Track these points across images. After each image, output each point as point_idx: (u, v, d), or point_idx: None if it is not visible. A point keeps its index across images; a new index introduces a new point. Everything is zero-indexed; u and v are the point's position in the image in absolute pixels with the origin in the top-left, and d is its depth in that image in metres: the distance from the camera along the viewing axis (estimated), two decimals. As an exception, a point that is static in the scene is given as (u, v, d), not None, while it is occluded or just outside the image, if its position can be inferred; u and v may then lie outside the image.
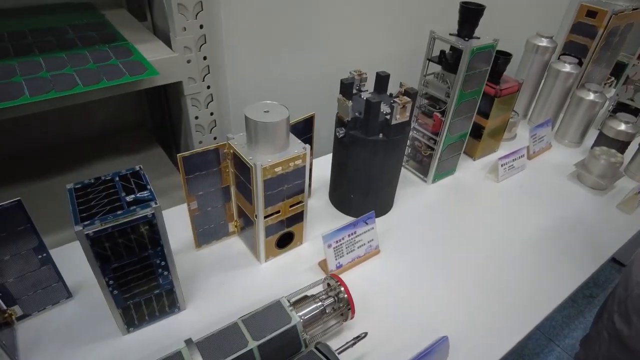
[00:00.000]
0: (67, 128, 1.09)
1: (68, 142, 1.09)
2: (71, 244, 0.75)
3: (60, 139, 1.08)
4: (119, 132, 1.19)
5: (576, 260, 0.81)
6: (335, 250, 0.72)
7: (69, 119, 1.09)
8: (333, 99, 0.79)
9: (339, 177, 0.83)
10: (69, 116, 1.09)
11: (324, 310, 0.60)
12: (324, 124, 0.91)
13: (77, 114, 1.10)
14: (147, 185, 0.56)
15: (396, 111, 0.70)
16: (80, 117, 1.11)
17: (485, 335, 0.66)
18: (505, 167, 0.99)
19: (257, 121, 0.61)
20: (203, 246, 0.76)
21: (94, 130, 1.14)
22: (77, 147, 1.08)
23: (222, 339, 0.53)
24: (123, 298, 0.58)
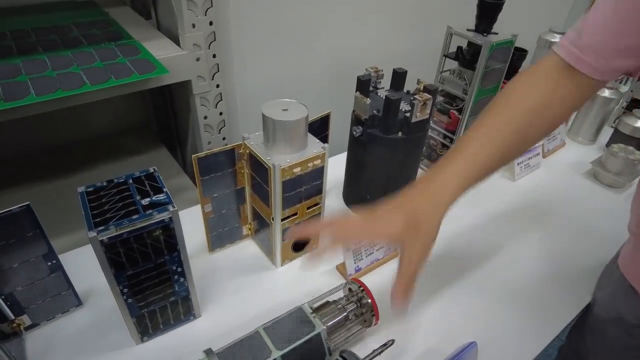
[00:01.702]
0: (71, 130, 1.07)
1: (71, 144, 1.07)
2: (80, 249, 0.72)
3: (63, 141, 1.06)
4: (124, 133, 1.16)
5: (597, 260, 0.79)
6: (354, 254, 0.69)
7: (72, 120, 1.07)
8: (344, 98, 0.76)
9: (355, 178, 0.81)
10: (73, 118, 1.07)
11: (347, 317, 0.58)
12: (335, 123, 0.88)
13: (80, 115, 1.08)
14: (162, 187, 0.53)
15: (416, 109, 0.67)
16: (83, 118, 1.09)
17: (513, 338, 0.64)
18: (522, 166, 0.96)
19: (275, 120, 0.58)
20: (216, 250, 0.74)
21: (97, 132, 1.11)
22: (81, 149, 1.05)
23: (244, 348, 0.51)
24: (137, 307, 0.55)
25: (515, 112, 0.52)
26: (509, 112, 0.53)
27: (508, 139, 0.52)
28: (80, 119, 1.08)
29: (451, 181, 0.50)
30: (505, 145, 0.52)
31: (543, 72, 0.53)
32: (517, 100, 0.53)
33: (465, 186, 0.51)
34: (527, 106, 0.52)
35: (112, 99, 1.14)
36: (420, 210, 0.49)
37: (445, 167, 0.51)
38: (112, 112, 1.15)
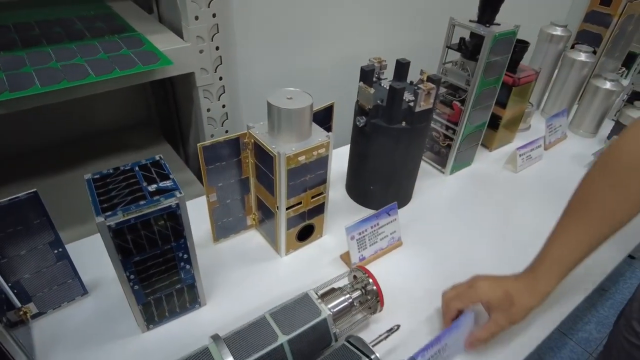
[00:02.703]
0: (74, 126, 1.07)
1: (74, 140, 1.07)
2: (85, 240, 0.72)
3: (66, 137, 1.06)
4: (126, 129, 1.16)
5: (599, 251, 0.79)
6: (358, 243, 0.70)
7: (73, 115, 1.07)
8: (347, 90, 0.77)
9: (359, 168, 0.81)
10: (74, 113, 1.07)
11: (352, 304, 0.58)
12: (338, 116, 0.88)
13: (83, 112, 1.08)
14: (169, 174, 0.54)
15: (420, 98, 0.67)
16: (86, 115, 1.09)
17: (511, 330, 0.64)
18: (524, 157, 0.97)
19: (280, 108, 0.58)
20: (221, 240, 0.74)
21: (100, 128, 1.12)
22: (84, 145, 1.06)
23: (251, 333, 0.51)
24: (144, 293, 0.56)
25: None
26: (626, 202, 0.55)
27: (606, 230, 0.56)
28: (83, 115, 1.09)
29: (553, 275, 0.58)
30: (603, 234, 0.57)
31: None
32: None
33: (565, 275, 0.58)
34: None
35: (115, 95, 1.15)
36: (516, 295, 0.57)
37: (550, 255, 0.59)
38: (114, 109, 1.16)
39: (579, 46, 1.10)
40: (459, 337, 0.59)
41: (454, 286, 0.62)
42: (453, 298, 0.61)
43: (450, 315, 0.61)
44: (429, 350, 0.55)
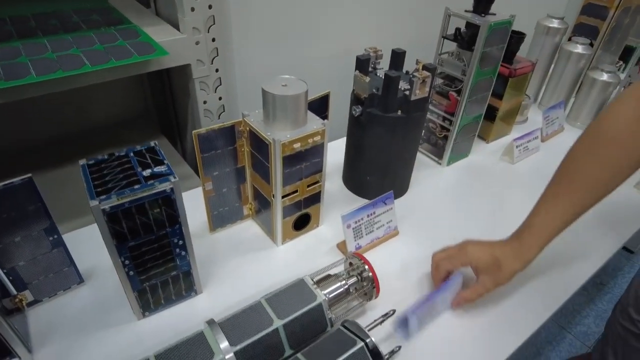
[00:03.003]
0: (69, 120, 1.07)
1: (70, 134, 1.07)
2: (81, 230, 0.72)
3: (62, 131, 1.06)
4: (123, 123, 1.16)
5: (595, 242, 0.79)
6: (354, 231, 0.70)
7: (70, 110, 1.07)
8: (345, 83, 0.76)
9: (355, 159, 0.81)
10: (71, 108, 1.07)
11: (348, 290, 0.58)
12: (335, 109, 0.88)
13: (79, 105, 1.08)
14: (164, 160, 0.54)
15: (416, 86, 0.68)
16: (82, 108, 1.09)
17: (506, 319, 0.64)
18: (520, 149, 0.97)
19: (275, 94, 0.58)
20: (217, 230, 0.74)
21: (96, 122, 1.12)
22: (80, 139, 1.06)
23: (246, 318, 0.51)
24: (139, 280, 0.56)
25: (617, 167, 0.57)
26: (607, 172, 0.57)
27: (590, 198, 0.59)
28: (80, 110, 1.09)
29: (536, 242, 0.60)
30: (588, 202, 0.59)
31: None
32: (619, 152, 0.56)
33: (548, 241, 0.61)
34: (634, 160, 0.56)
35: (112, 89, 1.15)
36: (503, 259, 0.60)
37: (535, 222, 0.62)
38: (111, 104, 1.16)
39: (575, 38, 1.10)
40: (447, 296, 0.62)
41: (444, 248, 0.65)
42: (444, 259, 0.64)
43: (439, 276, 0.64)
44: (420, 309, 0.58)
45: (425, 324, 0.61)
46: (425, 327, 0.61)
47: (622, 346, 0.72)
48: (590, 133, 0.59)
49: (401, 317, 0.58)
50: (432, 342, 0.60)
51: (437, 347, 0.59)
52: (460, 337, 0.61)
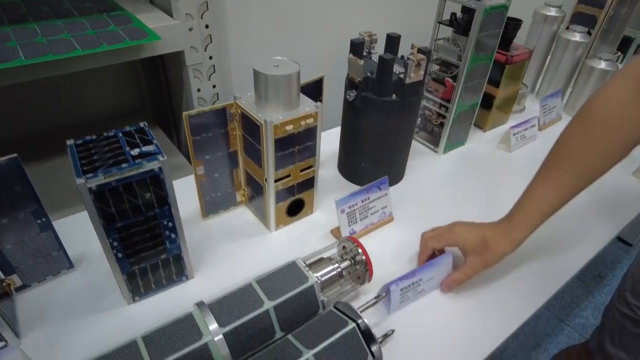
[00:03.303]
0: (65, 113, 1.06)
1: (65, 126, 1.06)
2: (73, 216, 0.71)
3: (55, 125, 1.05)
4: (118, 116, 1.16)
5: (592, 229, 0.78)
6: (348, 216, 0.69)
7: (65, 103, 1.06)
8: (342, 73, 0.76)
9: (350, 145, 0.80)
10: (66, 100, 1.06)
11: (340, 273, 0.57)
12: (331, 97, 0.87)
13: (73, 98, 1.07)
14: (152, 140, 0.53)
15: (410, 69, 0.67)
16: (76, 101, 1.08)
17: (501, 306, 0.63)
18: (517, 137, 0.96)
19: (267, 74, 0.58)
20: (210, 216, 0.73)
21: (91, 114, 1.11)
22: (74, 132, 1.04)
23: (236, 300, 0.50)
24: (128, 262, 0.55)
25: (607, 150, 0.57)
26: (597, 156, 0.57)
27: (583, 180, 0.58)
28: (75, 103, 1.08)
29: (527, 223, 0.60)
30: (580, 184, 0.59)
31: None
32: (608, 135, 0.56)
33: (538, 224, 0.60)
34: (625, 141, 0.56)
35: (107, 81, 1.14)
36: (491, 240, 0.60)
37: (525, 204, 0.61)
38: (106, 96, 1.15)
39: (573, 27, 1.09)
40: (435, 275, 0.62)
41: (434, 228, 0.65)
42: (431, 237, 0.64)
43: (426, 253, 0.64)
44: (403, 281, 0.58)
45: (409, 300, 0.61)
46: (409, 303, 0.61)
47: (619, 331, 0.71)
48: (581, 116, 0.58)
49: (384, 290, 0.57)
50: (425, 326, 0.59)
51: (430, 332, 0.58)
52: (454, 322, 0.60)
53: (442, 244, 0.63)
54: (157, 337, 0.46)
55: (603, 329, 0.76)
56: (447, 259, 0.62)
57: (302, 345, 0.46)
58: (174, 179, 0.80)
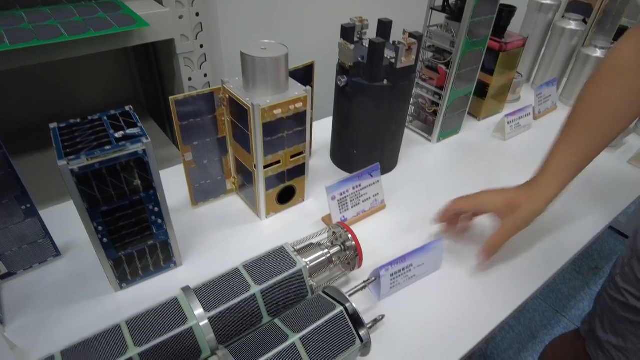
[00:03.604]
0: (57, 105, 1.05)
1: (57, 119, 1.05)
2: (59, 205, 0.71)
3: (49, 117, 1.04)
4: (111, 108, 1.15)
5: (588, 217, 0.78)
6: (339, 203, 0.68)
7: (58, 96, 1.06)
8: (335, 59, 0.75)
9: (341, 132, 0.79)
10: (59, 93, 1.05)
11: (330, 259, 0.57)
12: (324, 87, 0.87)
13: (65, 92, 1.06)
14: (137, 122, 0.52)
15: (401, 53, 0.66)
16: (69, 95, 1.07)
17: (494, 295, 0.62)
18: (512, 125, 0.95)
19: (254, 57, 0.57)
20: (200, 204, 0.72)
21: (84, 107, 1.10)
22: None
23: (222, 284, 0.49)
24: (114, 248, 0.54)
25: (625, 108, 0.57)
26: (626, 101, 0.57)
27: (609, 132, 0.58)
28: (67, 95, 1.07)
29: (556, 180, 0.60)
30: (606, 138, 0.59)
31: None
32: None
33: (568, 180, 0.60)
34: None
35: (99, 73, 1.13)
36: (519, 200, 0.61)
37: (553, 162, 0.62)
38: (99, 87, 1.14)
39: (569, 15, 1.08)
40: (427, 261, 0.61)
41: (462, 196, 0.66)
42: (459, 199, 0.65)
43: (449, 212, 0.65)
44: (393, 266, 0.57)
45: (400, 286, 0.60)
46: (400, 289, 0.60)
47: (609, 315, 0.71)
48: (604, 67, 0.59)
49: (374, 275, 0.57)
50: (416, 312, 0.58)
51: (421, 318, 0.57)
52: (445, 309, 0.59)
53: (470, 206, 0.64)
54: (141, 322, 0.45)
55: (594, 314, 0.76)
56: (439, 244, 0.61)
57: (288, 328, 0.46)
58: (165, 168, 0.80)
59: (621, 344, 0.69)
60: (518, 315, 1.41)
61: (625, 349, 0.69)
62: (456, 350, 0.54)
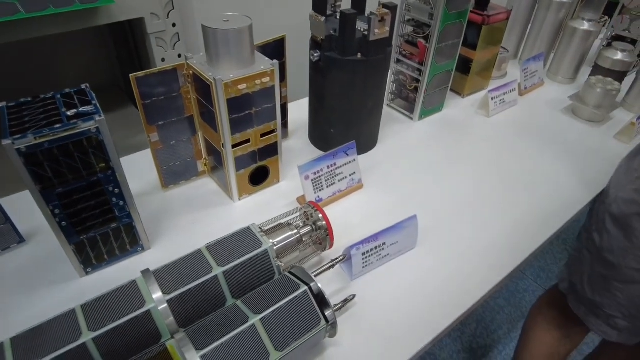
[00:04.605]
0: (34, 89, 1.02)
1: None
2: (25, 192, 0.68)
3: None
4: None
5: (575, 191, 0.76)
6: (314, 183, 0.66)
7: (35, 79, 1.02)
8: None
9: (318, 110, 0.77)
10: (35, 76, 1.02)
11: (300, 239, 0.55)
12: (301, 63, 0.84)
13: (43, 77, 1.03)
14: (92, 100, 0.49)
15: (374, 24, 0.63)
16: (50, 77, 1.04)
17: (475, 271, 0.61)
18: (496, 101, 0.93)
19: (216, 29, 0.54)
20: (171, 187, 0.70)
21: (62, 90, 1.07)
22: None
23: (183, 266, 0.48)
24: (75, 231, 0.52)
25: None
26: None
27: None
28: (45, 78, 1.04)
29: None
30: None
31: None
32: None
33: None
34: None
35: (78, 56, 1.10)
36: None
37: None
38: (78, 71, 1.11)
39: (555, -14, 1.05)
40: (400, 240, 0.59)
41: None
42: None
43: None
44: (364, 245, 0.55)
45: (373, 265, 0.58)
46: (374, 268, 0.59)
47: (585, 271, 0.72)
48: None
49: (346, 255, 0.55)
50: (390, 291, 0.57)
51: (395, 298, 0.56)
52: (420, 287, 0.58)
53: None
54: (97, 306, 0.44)
55: (569, 271, 0.77)
56: (412, 222, 0.59)
57: (249, 310, 0.44)
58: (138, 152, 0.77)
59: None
60: (508, 295, 1.41)
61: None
62: (431, 329, 0.53)
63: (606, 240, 0.68)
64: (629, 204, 0.64)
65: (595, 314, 0.73)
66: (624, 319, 0.70)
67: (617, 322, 0.70)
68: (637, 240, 0.63)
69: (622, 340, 0.72)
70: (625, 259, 0.65)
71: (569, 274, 0.79)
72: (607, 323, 0.72)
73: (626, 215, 0.65)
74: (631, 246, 0.64)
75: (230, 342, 0.41)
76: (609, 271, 0.68)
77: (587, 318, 0.75)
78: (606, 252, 0.68)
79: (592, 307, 0.73)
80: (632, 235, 0.64)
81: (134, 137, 1.02)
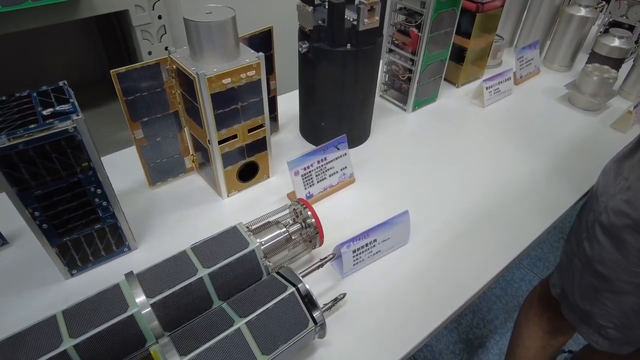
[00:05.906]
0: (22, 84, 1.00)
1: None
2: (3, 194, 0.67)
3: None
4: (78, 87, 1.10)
5: (573, 181, 0.74)
6: (304, 179, 0.65)
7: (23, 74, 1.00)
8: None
9: (308, 103, 0.75)
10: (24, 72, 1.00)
11: (289, 237, 0.54)
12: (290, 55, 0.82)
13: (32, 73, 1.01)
14: (70, 98, 0.48)
15: (363, 14, 0.61)
16: (37, 72, 1.02)
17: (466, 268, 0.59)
18: (491, 91, 0.91)
19: (197, 22, 0.52)
20: (158, 184, 0.69)
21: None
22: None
23: (167, 268, 0.46)
24: (57, 234, 0.51)
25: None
26: None
27: None
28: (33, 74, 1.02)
29: None
30: None
31: None
32: None
33: None
34: None
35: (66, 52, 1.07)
36: None
37: None
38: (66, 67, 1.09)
39: (551, -28, 1.03)
40: (392, 236, 0.58)
41: None
42: None
43: None
44: (355, 242, 0.54)
45: (364, 263, 0.57)
46: (365, 265, 0.58)
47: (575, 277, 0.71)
48: None
49: (336, 252, 0.54)
50: (382, 288, 0.56)
51: (387, 295, 0.55)
52: (413, 284, 0.57)
53: None
54: (79, 311, 0.42)
55: (560, 277, 0.75)
56: (404, 217, 0.58)
57: (235, 313, 0.43)
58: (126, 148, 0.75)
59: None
60: (504, 285, 1.40)
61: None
62: (424, 326, 0.52)
63: (597, 251, 0.65)
64: (619, 215, 0.62)
65: (586, 323, 0.72)
66: (615, 329, 0.68)
67: (609, 331, 0.69)
68: (629, 254, 0.61)
69: (614, 349, 0.71)
70: (616, 271, 0.64)
71: (561, 280, 0.77)
72: (599, 332, 0.71)
73: (616, 226, 0.62)
74: (623, 259, 0.62)
75: (215, 347, 0.40)
76: (600, 282, 0.66)
77: (579, 326, 0.74)
78: (597, 263, 0.66)
79: (583, 316, 0.72)
80: (623, 248, 0.62)
81: (123, 132, 1.01)
